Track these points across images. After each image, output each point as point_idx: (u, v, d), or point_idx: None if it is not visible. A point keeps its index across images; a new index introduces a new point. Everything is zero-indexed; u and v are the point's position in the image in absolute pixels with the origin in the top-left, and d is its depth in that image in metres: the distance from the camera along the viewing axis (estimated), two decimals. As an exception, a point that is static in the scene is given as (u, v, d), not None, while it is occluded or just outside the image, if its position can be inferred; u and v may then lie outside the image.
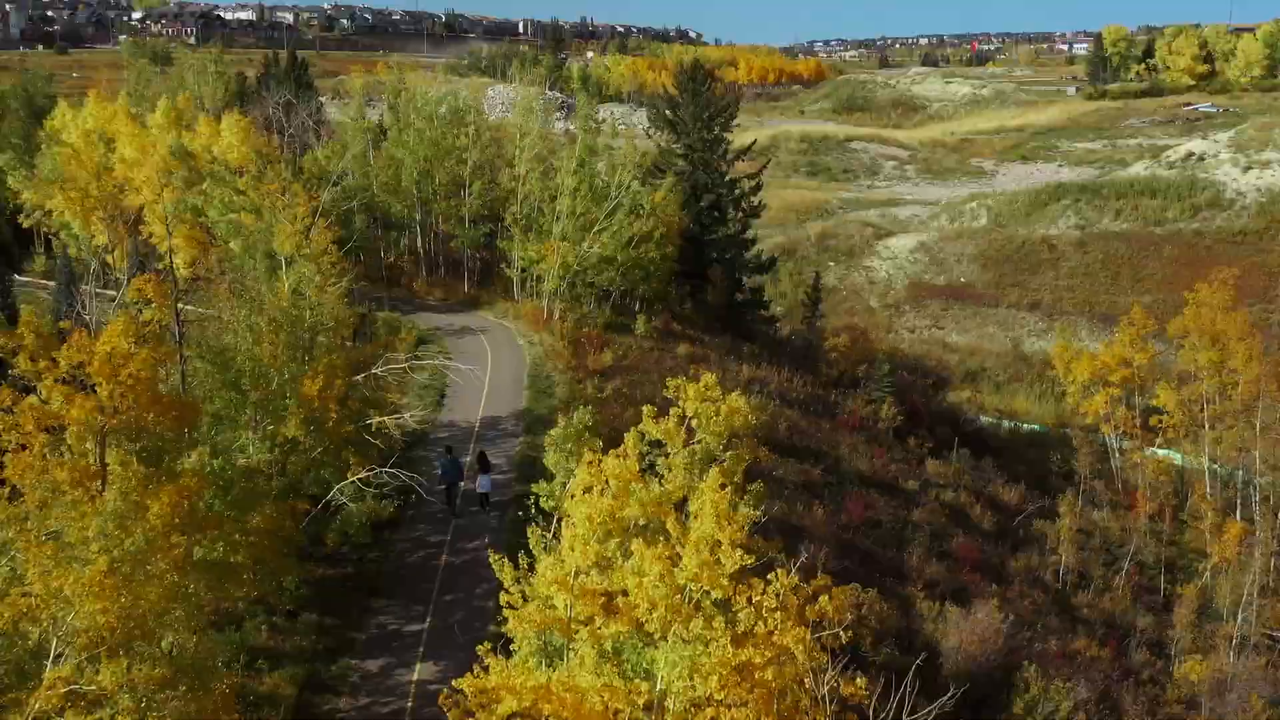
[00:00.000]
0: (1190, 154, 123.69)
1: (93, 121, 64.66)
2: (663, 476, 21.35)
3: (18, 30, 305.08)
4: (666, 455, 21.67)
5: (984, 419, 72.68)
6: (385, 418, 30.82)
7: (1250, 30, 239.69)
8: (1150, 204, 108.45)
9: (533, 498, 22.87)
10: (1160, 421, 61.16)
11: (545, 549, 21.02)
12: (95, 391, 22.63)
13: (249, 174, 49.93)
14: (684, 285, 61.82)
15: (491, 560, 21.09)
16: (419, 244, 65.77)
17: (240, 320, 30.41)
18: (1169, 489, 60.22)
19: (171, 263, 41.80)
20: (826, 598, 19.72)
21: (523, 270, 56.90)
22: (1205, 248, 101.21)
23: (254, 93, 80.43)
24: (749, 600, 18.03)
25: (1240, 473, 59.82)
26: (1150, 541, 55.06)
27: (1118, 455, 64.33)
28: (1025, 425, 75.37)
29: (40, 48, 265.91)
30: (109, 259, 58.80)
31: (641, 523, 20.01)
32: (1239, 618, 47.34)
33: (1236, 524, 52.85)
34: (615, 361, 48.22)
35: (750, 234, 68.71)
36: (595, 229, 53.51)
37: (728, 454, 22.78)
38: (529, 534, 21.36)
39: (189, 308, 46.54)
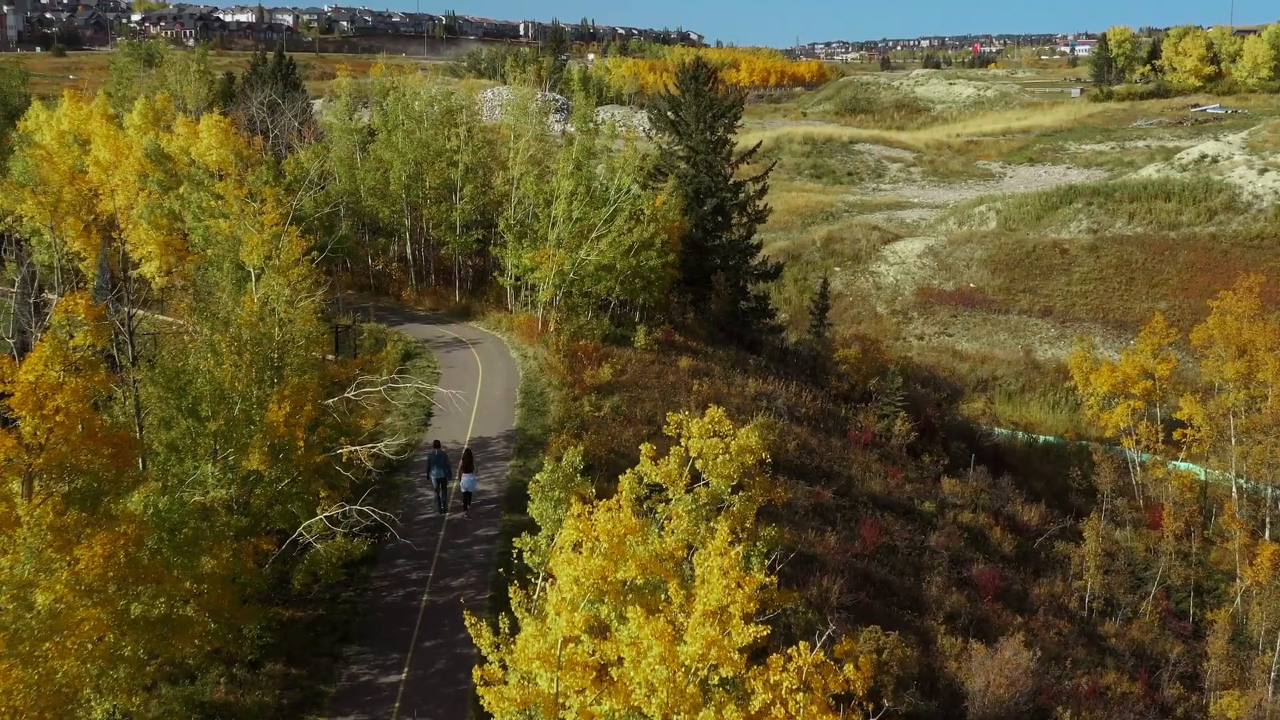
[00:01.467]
0: (1203, 156, 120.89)
1: (67, 122, 61.78)
2: (663, 525, 18.58)
3: (15, 32, 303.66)
4: (668, 501, 18.88)
5: (999, 430, 69.89)
6: (358, 448, 27.94)
7: (1253, 32, 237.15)
8: (1164, 207, 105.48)
9: (515, 551, 19.95)
10: (1184, 435, 58.55)
11: (530, 609, 18.25)
12: (19, 426, 19.95)
13: (229, 177, 47.26)
14: (686, 293, 58.93)
15: (468, 624, 18.32)
16: (408, 251, 62.87)
17: (202, 339, 27.64)
18: (1194, 506, 57.51)
19: (127, 272, 38.98)
20: (852, 666, 16.97)
21: (516, 279, 54.05)
22: (1222, 252, 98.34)
23: (241, 93, 77.66)
24: (766, 683, 15.24)
25: (1270, 489, 57.21)
26: (1177, 563, 52.32)
27: (1139, 470, 61.67)
28: (1040, 437, 72.62)
29: (38, 49, 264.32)
30: (82, 267, 56.06)
31: (639, 582, 17.26)
32: (1276, 647, 44.65)
33: (1269, 545, 50.11)
34: (614, 376, 45.36)
35: (755, 239, 65.93)
36: (593, 235, 50.65)
37: (738, 496, 20.04)
38: (510, 593, 18.57)
39: (161, 318, 43.96)
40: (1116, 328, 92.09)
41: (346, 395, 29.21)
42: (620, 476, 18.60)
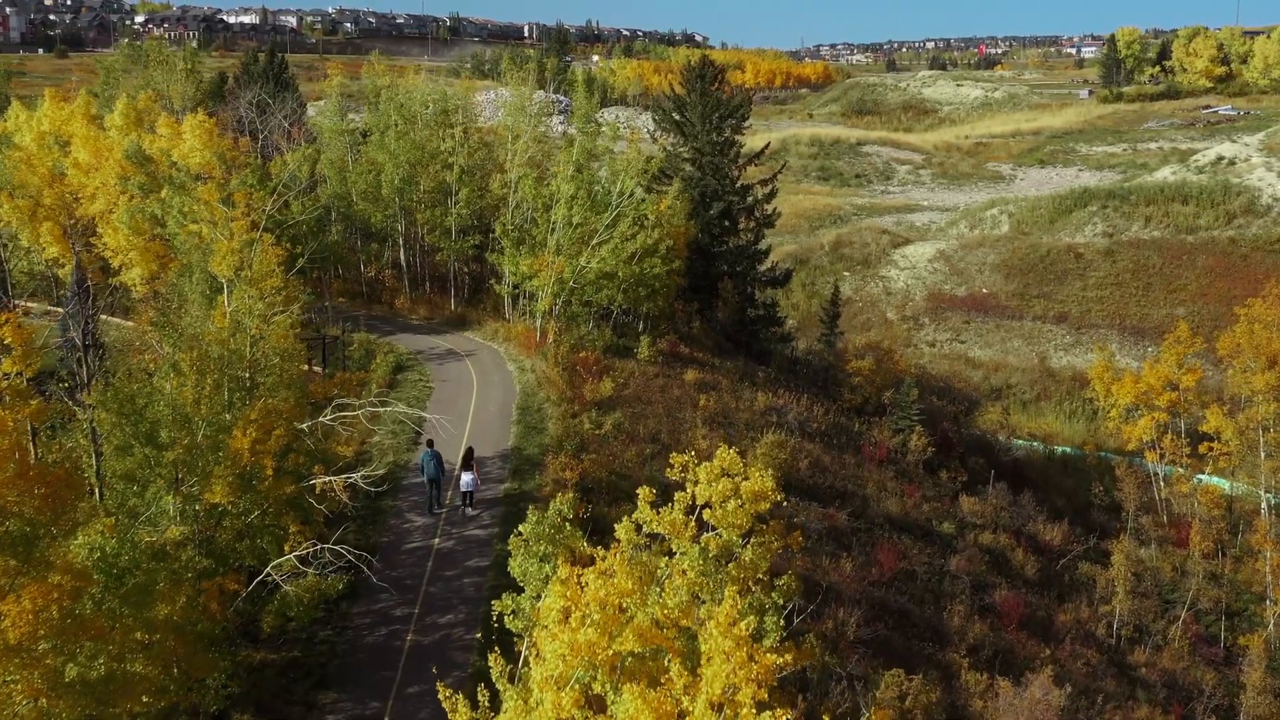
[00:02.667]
0: (1220, 158, 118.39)
1: (48, 123, 59.39)
2: (664, 582, 16.17)
3: (18, 34, 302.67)
4: (671, 554, 16.49)
5: (1016, 441, 67.30)
6: (332, 478, 25.51)
7: (1262, 33, 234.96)
8: (1181, 210, 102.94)
9: (495, 614, 17.49)
10: (1211, 449, 56.08)
11: (513, 679, 15.88)
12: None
13: (211, 180, 44.94)
14: (691, 301, 56.42)
15: (442, 696, 15.95)
16: (402, 257, 60.38)
17: (164, 356, 25.30)
18: (1221, 524, 55.04)
19: (85, 284, 36.63)
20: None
21: (514, 287, 51.60)
22: (1241, 256, 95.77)
23: (231, 93, 75.27)
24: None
25: (1302, 506, 54.84)
26: (1206, 584, 49.86)
27: (1162, 484, 59.19)
28: (1058, 449, 70.14)
29: (41, 51, 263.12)
30: (60, 274, 53.75)
31: (638, 650, 14.90)
32: (1315, 678, 42.22)
33: (1303, 566, 47.78)
34: (615, 391, 42.92)
35: (763, 244, 63.47)
36: (594, 241, 48.22)
37: (750, 543, 17.63)
38: (490, 661, 16.18)
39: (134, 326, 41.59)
40: (1134, 334, 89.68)
41: (322, 419, 26.81)
42: (617, 525, 16.23)
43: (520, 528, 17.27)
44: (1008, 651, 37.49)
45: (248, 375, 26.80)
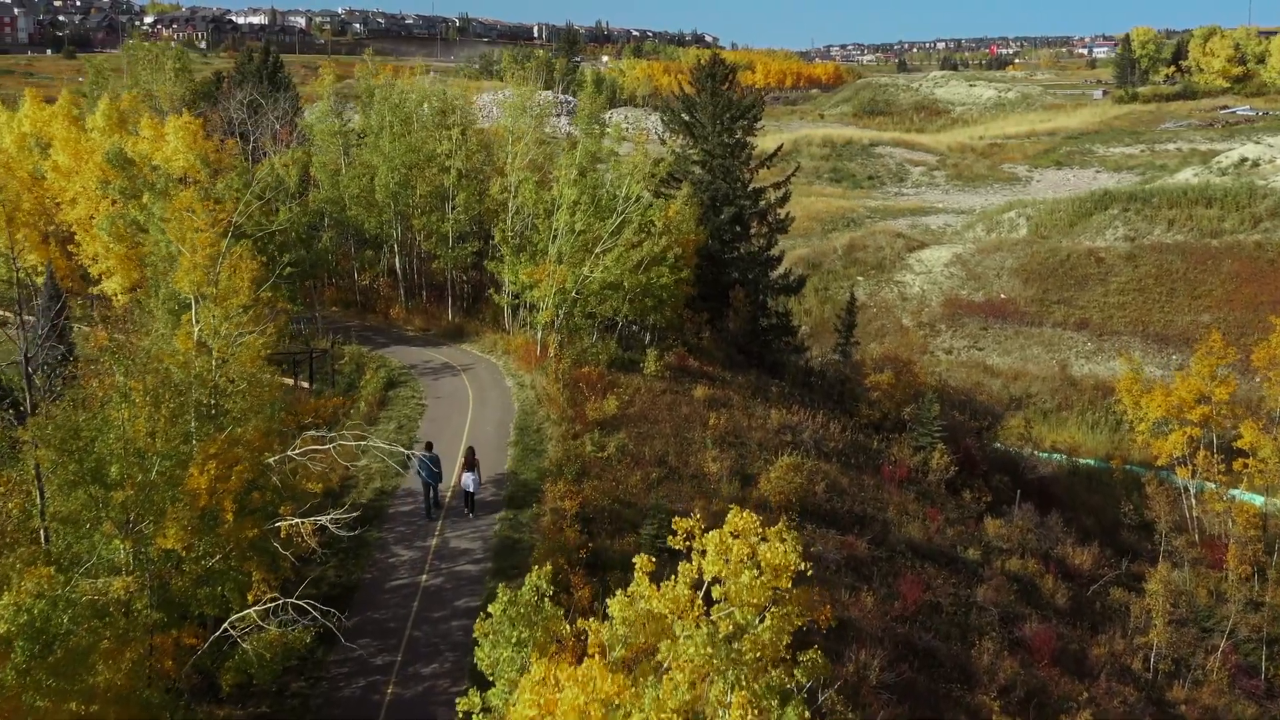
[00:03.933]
0: (1243, 159, 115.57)
1: (29, 124, 56.96)
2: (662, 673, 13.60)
3: (25, 34, 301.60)
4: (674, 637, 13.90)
5: (1039, 454, 64.50)
6: (299, 520, 22.92)
7: (1277, 33, 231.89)
8: (1205, 213, 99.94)
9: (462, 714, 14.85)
10: (1246, 465, 53.39)
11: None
12: None
13: (195, 185, 42.53)
14: (701, 312, 53.73)
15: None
16: (398, 265, 57.75)
17: (118, 385, 22.79)
18: (1258, 544, 52.32)
19: (22, 302, 34.18)
20: None
21: (514, 297, 49.01)
22: (1269, 261, 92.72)
23: (224, 93, 72.81)
24: None
25: (1342, 527, 52.19)
26: (1246, 611, 47.11)
27: (1193, 500, 56.45)
28: (1082, 461, 67.39)
29: (49, 52, 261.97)
30: (39, 281, 51.32)
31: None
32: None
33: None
34: (620, 409, 40.33)
35: (775, 249, 60.78)
36: (598, 249, 45.62)
37: (768, 615, 15.07)
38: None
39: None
40: (1157, 341, 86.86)
41: (291, 453, 24.26)
42: (610, 600, 13.65)
43: (490, 607, 14.62)
44: (1040, 691, 34.85)
45: (211, 403, 24.28)
